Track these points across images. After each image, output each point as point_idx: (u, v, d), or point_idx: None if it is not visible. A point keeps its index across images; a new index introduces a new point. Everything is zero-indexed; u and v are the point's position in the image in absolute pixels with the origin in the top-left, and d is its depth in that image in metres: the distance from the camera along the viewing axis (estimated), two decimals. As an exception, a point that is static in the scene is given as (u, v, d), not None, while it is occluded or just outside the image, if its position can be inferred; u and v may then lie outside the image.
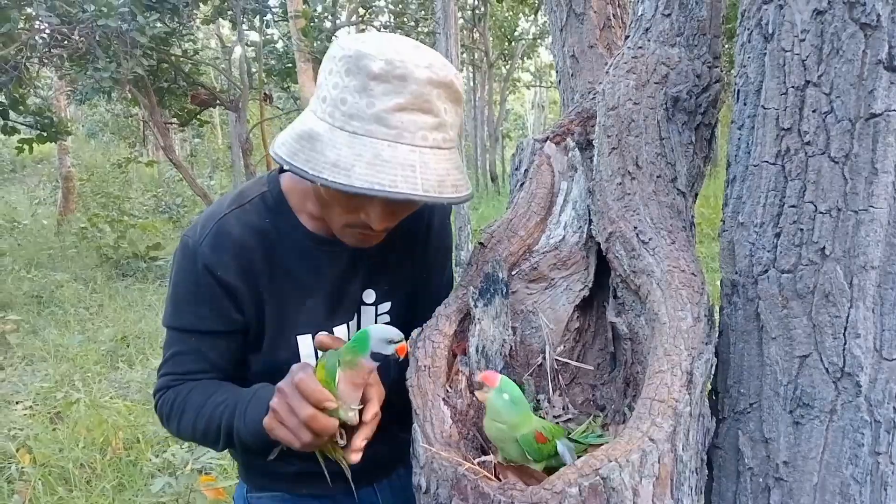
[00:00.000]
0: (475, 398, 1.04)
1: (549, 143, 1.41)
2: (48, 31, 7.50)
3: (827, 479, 0.95)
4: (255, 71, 9.96)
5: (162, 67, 9.24)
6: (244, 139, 9.68)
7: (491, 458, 0.97)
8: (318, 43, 7.90)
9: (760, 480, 1.01)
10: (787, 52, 0.92)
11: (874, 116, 0.85)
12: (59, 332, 5.90)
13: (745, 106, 1.02)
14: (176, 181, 13.71)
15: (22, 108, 7.70)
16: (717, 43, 1.28)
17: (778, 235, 0.96)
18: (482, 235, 1.30)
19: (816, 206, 0.91)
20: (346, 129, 0.93)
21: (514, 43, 18.09)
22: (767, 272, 0.98)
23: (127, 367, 4.98)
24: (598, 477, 0.79)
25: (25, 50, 7.19)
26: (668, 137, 1.23)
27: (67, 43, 7.59)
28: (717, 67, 1.27)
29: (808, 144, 0.90)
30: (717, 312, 1.08)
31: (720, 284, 1.10)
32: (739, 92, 1.03)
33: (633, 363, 1.16)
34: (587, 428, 1.11)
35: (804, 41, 0.89)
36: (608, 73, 1.33)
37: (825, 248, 0.90)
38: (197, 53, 10.45)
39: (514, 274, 1.27)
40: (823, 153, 0.89)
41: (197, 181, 10.05)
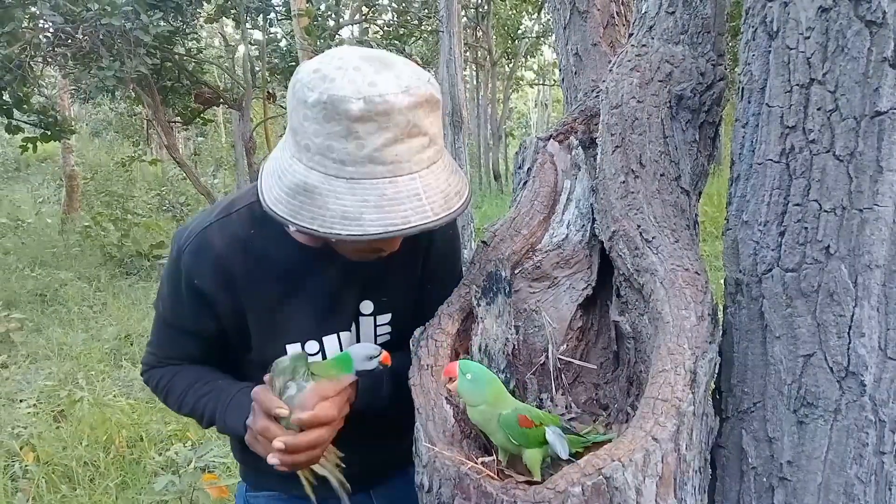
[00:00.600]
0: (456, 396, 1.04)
1: (552, 141, 1.41)
2: (52, 30, 7.51)
3: (831, 478, 0.95)
4: (258, 69, 9.96)
5: (165, 66, 9.25)
6: (247, 138, 9.69)
7: (493, 458, 0.97)
8: (321, 41, 7.89)
9: (764, 480, 1.01)
10: (791, 49, 0.91)
11: (879, 114, 0.84)
12: (62, 330, 5.91)
13: (749, 104, 1.01)
14: (179, 180, 13.72)
15: (26, 106, 7.71)
16: (721, 41, 1.27)
17: (782, 234, 0.95)
18: (485, 234, 1.30)
19: (821, 204, 0.90)
20: (342, 175, 0.91)
21: (517, 41, 18.05)
22: (771, 271, 0.97)
23: (130, 365, 4.99)
24: (601, 476, 0.79)
25: (29, 49, 7.21)
26: (671, 136, 1.23)
27: (71, 42, 7.60)
28: (721, 65, 1.26)
29: (812, 142, 0.90)
30: (720, 311, 1.07)
31: (724, 283, 1.09)
32: (744, 90, 1.03)
33: (636, 362, 1.15)
34: (592, 430, 1.10)
35: (809, 39, 0.89)
36: (612, 71, 1.32)
37: (830, 246, 0.90)
38: (200, 52, 10.46)
39: (517, 273, 1.27)
40: (828, 151, 0.89)
41: (200, 180, 10.07)
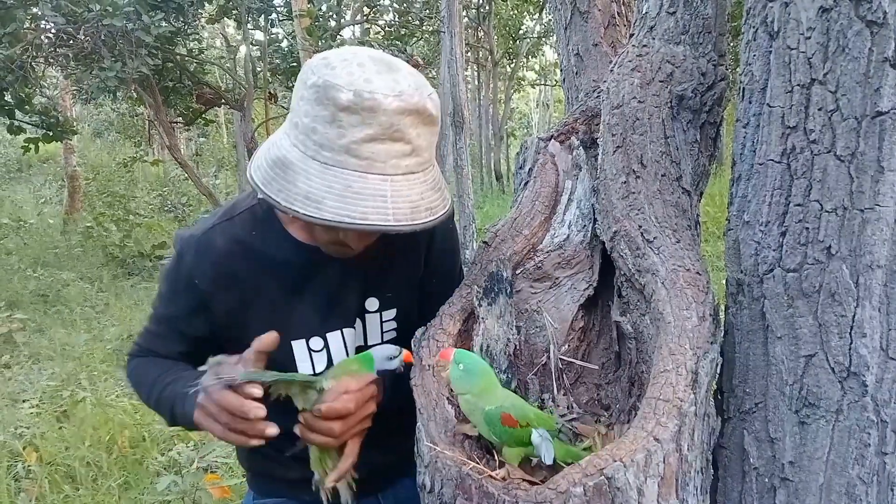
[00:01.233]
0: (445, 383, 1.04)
1: (553, 141, 1.41)
2: (54, 30, 7.53)
3: (833, 479, 0.95)
4: (259, 70, 9.96)
5: (167, 67, 9.26)
6: (249, 138, 9.69)
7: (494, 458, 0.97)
8: (322, 42, 7.90)
9: (766, 480, 1.01)
10: (792, 49, 0.91)
11: (880, 114, 0.84)
12: (65, 330, 5.92)
13: (750, 104, 1.01)
14: (181, 180, 13.74)
15: (28, 107, 7.73)
16: (722, 41, 1.27)
17: (783, 234, 0.95)
18: (486, 234, 1.30)
19: (822, 204, 0.90)
20: (317, 158, 0.94)
21: (518, 41, 18.06)
22: (773, 271, 0.97)
23: (132, 365, 4.99)
24: (602, 476, 0.79)
25: (31, 49, 7.23)
26: (672, 136, 1.22)
27: (73, 42, 7.62)
28: (722, 65, 1.26)
29: (813, 143, 0.90)
30: (722, 311, 1.07)
31: (725, 283, 1.09)
32: (745, 90, 1.03)
33: (637, 362, 1.15)
34: (590, 445, 1.06)
35: (810, 39, 0.89)
36: (613, 71, 1.32)
37: (831, 246, 0.90)
38: (202, 53, 10.46)
39: (518, 273, 1.27)
40: (829, 151, 0.89)
41: (202, 180, 10.08)
